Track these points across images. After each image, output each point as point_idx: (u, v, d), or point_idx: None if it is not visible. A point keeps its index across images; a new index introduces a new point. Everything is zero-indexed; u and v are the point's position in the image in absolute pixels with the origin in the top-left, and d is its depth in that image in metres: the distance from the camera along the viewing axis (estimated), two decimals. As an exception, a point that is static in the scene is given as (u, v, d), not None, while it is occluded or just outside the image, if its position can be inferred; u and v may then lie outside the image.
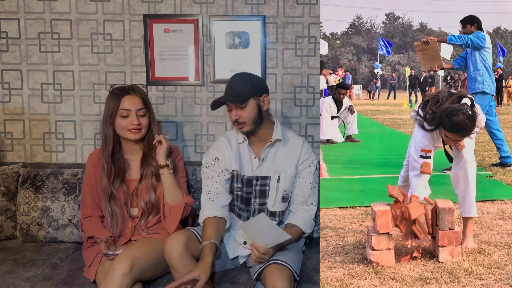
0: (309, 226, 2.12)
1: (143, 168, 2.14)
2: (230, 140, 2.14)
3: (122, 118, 2.06)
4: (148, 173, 2.13)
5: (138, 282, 1.88)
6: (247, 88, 2.00)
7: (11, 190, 2.50)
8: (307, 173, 2.13)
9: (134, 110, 2.06)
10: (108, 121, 2.07)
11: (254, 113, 2.01)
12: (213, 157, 2.12)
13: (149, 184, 2.12)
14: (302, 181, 2.12)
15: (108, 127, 2.08)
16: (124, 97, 2.06)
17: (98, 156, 2.16)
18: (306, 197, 2.13)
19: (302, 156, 2.12)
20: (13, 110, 2.74)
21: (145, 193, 2.11)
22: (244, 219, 2.13)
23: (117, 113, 2.05)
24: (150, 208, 2.13)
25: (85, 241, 2.15)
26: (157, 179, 2.13)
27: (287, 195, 2.13)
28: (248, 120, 2.01)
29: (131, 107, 2.06)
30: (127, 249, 1.93)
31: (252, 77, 2.06)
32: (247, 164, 2.11)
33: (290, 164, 2.11)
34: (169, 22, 2.65)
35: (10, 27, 2.68)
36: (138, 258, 1.86)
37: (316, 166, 2.16)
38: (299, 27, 2.65)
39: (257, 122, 2.03)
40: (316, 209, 2.17)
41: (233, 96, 2.00)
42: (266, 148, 2.09)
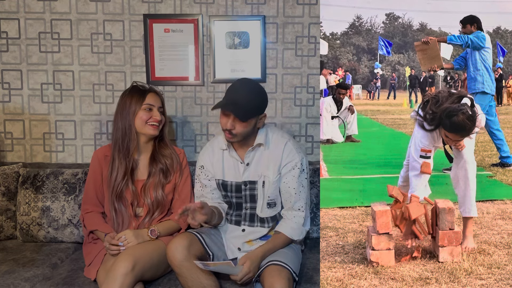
0: (297, 233, 2.06)
1: (152, 165, 2.15)
2: (214, 148, 2.12)
3: (144, 112, 2.09)
4: (157, 171, 2.15)
5: (140, 283, 1.88)
6: (255, 106, 1.93)
7: (11, 190, 2.50)
8: (291, 178, 2.03)
9: (157, 107, 2.13)
10: (131, 115, 2.08)
11: (250, 129, 1.96)
12: (199, 165, 2.14)
13: (157, 181, 2.14)
14: (286, 186, 2.04)
15: (130, 121, 2.09)
16: (149, 93, 2.12)
17: (104, 153, 2.16)
18: (292, 202, 2.05)
19: (284, 159, 2.03)
20: (13, 110, 2.75)
21: (153, 191, 2.13)
22: (233, 223, 2.12)
23: (141, 107, 2.09)
24: (155, 206, 2.14)
25: (86, 237, 2.15)
26: (165, 177, 2.15)
27: (272, 201, 2.07)
28: (240, 134, 1.95)
29: (155, 103, 2.12)
30: (129, 248, 1.94)
31: (261, 94, 1.96)
32: (233, 170, 2.07)
33: (272, 168, 2.03)
34: (169, 22, 2.65)
35: (10, 27, 2.69)
36: (140, 257, 1.87)
37: (301, 169, 2.04)
38: (299, 27, 2.65)
39: (247, 136, 1.99)
40: (305, 215, 2.07)
41: (238, 109, 1.88)
42: (248, 152, 2.04)
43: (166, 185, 2.15)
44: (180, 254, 1.83)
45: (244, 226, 2.10)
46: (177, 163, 2.19)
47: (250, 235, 2.08)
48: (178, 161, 2.20)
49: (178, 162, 2.20)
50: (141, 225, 2.13)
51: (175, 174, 2.18)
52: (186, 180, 2.21)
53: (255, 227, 2.09)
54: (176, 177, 2.18)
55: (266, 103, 1.99)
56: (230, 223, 2.12)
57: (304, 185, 2.06)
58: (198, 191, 2.16)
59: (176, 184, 2.19)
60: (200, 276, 1.84)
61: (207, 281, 1.84)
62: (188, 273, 1.83)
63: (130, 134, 2.09)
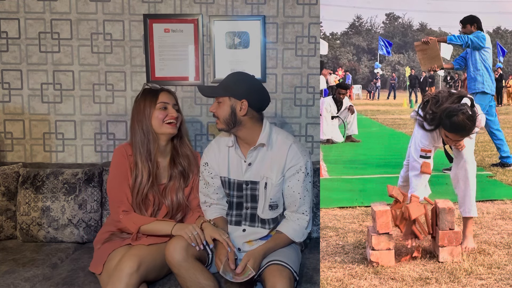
0: (299, 235, 2.06)
1: (172, 168, 2.15)
2: (219, 144, 2.12)
3: (160, 111, 2.08)
4: (177, 174, 2.15)
5: (143, 284, 1.88)
6: (227, 86, 1.97)
7: (11, 190, 2.50)
8: (295, 181, 2.02)
9: (171, 104, 2.11)
10: (147, 117, 2.07)
11: (227, 113, 1.96)
12: (203, 163, 2.14)
13: (178, 185, 2.14)
14: (291, 190, 2.03)
15: (147, 123, 2.07)
16: (161, 92, 2.11)
17: (127, 152, 2.11)
18: (297, 206, 2.04)
19: (288, 162, 2.01)
20: (13, 110, 2.75)
21: (173, 193, 2.13)
22: (233, 223, 2.11)
23: (155, 107, 2.07)
24: (175, 208, 2.14)
25: (134, 235, 2.02)
26: (184, 180, 2.16)
27: (275, 203, 2.06)
28: (220, 117, 1.98)
29: (169, 101, 2.11)
30: (134, 248, 1.92)
31: (242, 79, 2.00)
32: (237, 168, 2.07)
33: (276, 171, 2.02)
34: (169, 22, 2.65)
35: (10, 27, 2.69)
36: (145, 257, 1.87)
37: (306, 172, 2.03)
38: (299, 27, 2.65)
39: (230, 124, 1.97)
40: (309, 218, 2.07)
41: (210, 88, 2.03)
42: (251, 151, 2.03)
43: (185, 188, 2.16)
44: (178, 255, 1.83)
45: (244, 226, 2.10)
46: (195, 164, 2.19)
47: (251, 235, 2.08)
48: (196, 162, 2.19)
49: (196, 164, 2.19)
50: None
51: (193, 176, 2.18)
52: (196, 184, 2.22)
53: (255, 227, 2.09)
54: (194, 180, 2.19)
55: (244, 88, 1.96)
56: (230, 224, 2.11)
57: (308, 189, 2.06)
58: (202, 188, 2.16)
59: (193, 186, 2.19)
60: (199, 276, 1.83)
61: (206, 281, 1.84)
62: (187, 274, 1.83)
63: (149, 136, 2.07)
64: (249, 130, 2.01)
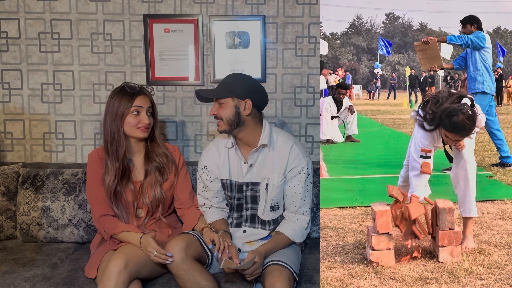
0: (299, 236, 2.06)
1: (147, 164, 2.15)
2: (218, 147, 2.11)
3: (133, 116, 2.07)
4: (153, 169, 2.15)
5: (137, 280, 1.88)
6: (228, 87, 1.97)
7: (11, 190, 2.50)
8: (297, 182, 2.03)
9: (145, 108, 2.10)
10: (119, 119, 2.06)
11: (230, 114, 1.96)
12: (202, 166, 2.14)
13: (154, 180, 2.14)
14: (292, 191, 2.04)
15: (118, 125, 2.07)
16: (137, 96, 2.09)
17: (100, 155, 2.14)
18: (297, 207, 2.05)
19: (290, 163, 2.02)
20: (13, 110, 2.74)
21: (150, 190, 2.13)
22: (233, 225, 2.11)
23: (129, 111, 2.07)
24: (155, 206, 2.14)
25: (109, 240, 2.07)
26: (161, 175, 2.15)
27: (276, 204, 2.06)
28: (224, 118, 1.97)
29: (143, 105, 2.09)
30: (122, 247, 1.95)
31: (241, 79, 2.00)
32: (237, 170, 2.07)
33: (277, 171, 2.02)
34: (169, 22, 2.65)
35: (10, 27, 2.68)
36: (132, 254, 1.87)
37: (307, 173, 2.04)
38: (299, 27, 2.65)
39: (234, 124, 1.97)
40: (309, 219, 2.08)
41: (209, 91, 2.03)
42: (252, 153, 2.03)
43: (163, 183, 2.16)
44: (177, 256, 1.83)
45: (245, 227, 2.10)
46: (172, 161, 2.19)
47: (251, 236, 2.09)
48: (172, 158, 2.19)
49: (172, 160, 2.19)
50: (142, 225, 2.13)
51: (172, 171, 2.18)
52: (185, 177, 2.22)
53: (256, 228, 2.09)
54: (173, 174, 2.18)
55: (246, 88, 1.97)
56: (231, 226, 2.11)
57: (309, 189, 2.07)
58: (201, 191, 2.16)
59: (174, 181, 2.18)
60: (198, 277, 1.83)
61: (206, 282, 1.84)
62: (186, 275, 1.82)
63: (118, 138, 2.08)
64: (250, 131, 2.01)
